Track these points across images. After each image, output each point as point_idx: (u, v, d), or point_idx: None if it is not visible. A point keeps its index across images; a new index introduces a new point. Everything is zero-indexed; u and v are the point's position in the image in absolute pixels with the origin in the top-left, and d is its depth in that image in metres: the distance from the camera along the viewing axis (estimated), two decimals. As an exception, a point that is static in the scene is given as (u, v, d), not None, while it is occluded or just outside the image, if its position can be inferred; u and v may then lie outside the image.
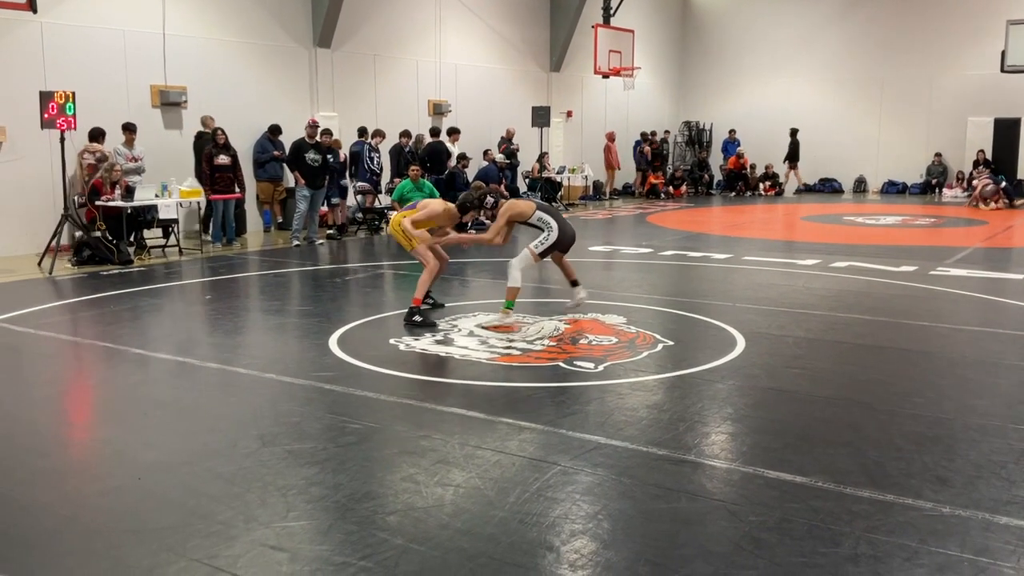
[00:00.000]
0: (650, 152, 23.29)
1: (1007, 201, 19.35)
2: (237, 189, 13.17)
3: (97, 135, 12.17)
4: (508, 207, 7.57)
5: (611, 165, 22.95)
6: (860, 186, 24.31)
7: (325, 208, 14.66)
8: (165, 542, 3.49)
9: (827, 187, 24.57)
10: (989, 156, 21.95)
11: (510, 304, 7.43)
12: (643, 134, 23.54)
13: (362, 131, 15.34)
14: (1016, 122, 21.99)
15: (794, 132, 23.73)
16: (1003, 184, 19.75)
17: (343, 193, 14.88)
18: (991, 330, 7.43)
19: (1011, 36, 18.76)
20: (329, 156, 14.19)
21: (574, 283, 7.87)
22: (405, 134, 15.75)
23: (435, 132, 16.86)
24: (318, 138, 13.80)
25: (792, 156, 23.83)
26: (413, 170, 14.07)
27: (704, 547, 3.47)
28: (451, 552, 3.40)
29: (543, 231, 7.51)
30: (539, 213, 7.56)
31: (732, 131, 24.97)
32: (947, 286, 9.52)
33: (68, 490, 4.10)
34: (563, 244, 7.59)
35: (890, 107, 23.72)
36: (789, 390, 5.65)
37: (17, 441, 4.82)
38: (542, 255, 7.52)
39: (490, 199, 7.66)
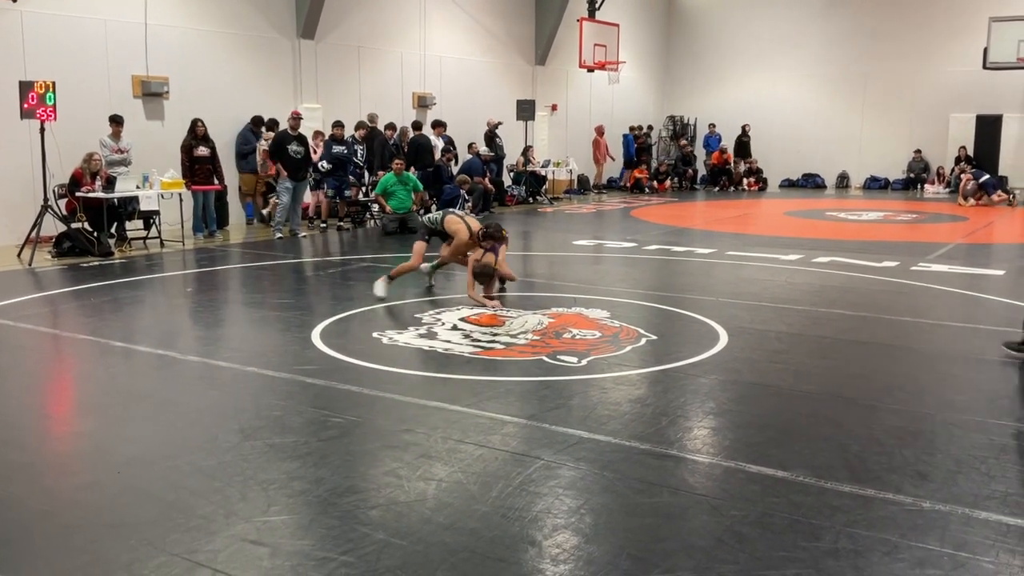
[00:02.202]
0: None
1: (1002, 195, 19.41)
2: (216, 181, 13.07)
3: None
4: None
5: (599, 159, 22.97)
6: (843, 181, 24.46)
7: (307, 200, 14.61)
8: (144, 536, 3.46)
9: (810, 182, 24.70)
10: (971, 152, 22.11)
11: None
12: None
13: (390, 125, 15.70)
14: (998, 119, 22.14)
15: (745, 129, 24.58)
16: (984, 178, 19.83)
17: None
18: (972, 326, 7.47)
19: (993, 33, 18.89)
20: (356, 148, 14.49)
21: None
22: (390, 127, 15.70)
23: (418, 126, 16.80)
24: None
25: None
26: (396, 164, 14.07)
27: (686, 541, 3.47)
28: (433, 546, 3.39)
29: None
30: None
31: (712, 125, 25.05)
32: (928, 282, 9.58)
33: (46, 484, 4.05)
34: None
35: (873, 103, 23.83)
36: (771, 385, 5.67)
37: (-5, 434, 4.77)
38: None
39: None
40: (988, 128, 22.27)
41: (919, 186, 22.93)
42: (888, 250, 12.04)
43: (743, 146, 24.48)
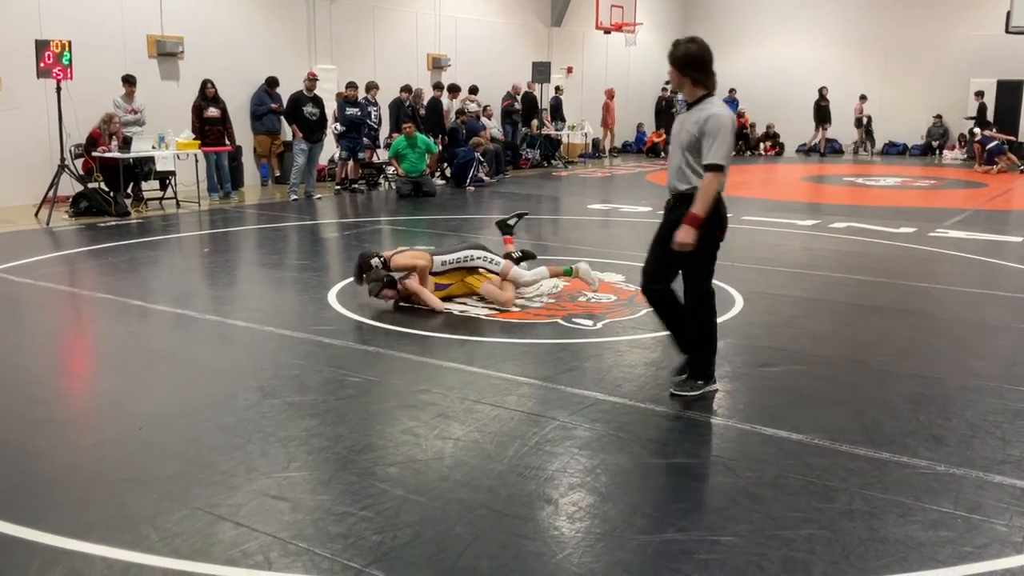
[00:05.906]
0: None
1: (1012, 160, 19.24)
2: (227, 142, 13.04)
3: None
4: (406, 261, 6.56)
5: (608, 124, 22.79)
6: (860, 146, 24.21)
7: (323, 163, 14.60)
8: (167, 491, 3.51)
9: (827, 147, 24.44)
10: (991, 118, 21.83)
11: (567, 270, 6.99)
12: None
13: (406, 88, 15.61)
14: (1019, 84, 21.83)
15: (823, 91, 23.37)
16: (991, 144, 19.53)
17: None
18: (988, 292, 7.44)
19: (1017, -4, 18.55)
20: (370, 109, 14.43)
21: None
22: (406, 89, 15.62)
23: (439, 87, 16.79)
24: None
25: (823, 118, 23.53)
26: (406, 127, 14.04)
27: (700, 501, 3.51)
28: (451, 503, 3.43)
29: (478, 260, 6.73)
30: (443, 257, 6.68)
31: (732, 90, 24.75)
32: (945, 248, 9.52)
33: (68, 439, 4.12)
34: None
35: (893, 67, 23.51)
36: (787, 349, 5.67)
37: (16, 391, 4.83)
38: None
39: (376, 260, 6.51)
40: (1010, 93, 21.95)
41: (939, 151, 22.68)
42: (905, 216, 11.96)
43: (822, 111, 23.36)
